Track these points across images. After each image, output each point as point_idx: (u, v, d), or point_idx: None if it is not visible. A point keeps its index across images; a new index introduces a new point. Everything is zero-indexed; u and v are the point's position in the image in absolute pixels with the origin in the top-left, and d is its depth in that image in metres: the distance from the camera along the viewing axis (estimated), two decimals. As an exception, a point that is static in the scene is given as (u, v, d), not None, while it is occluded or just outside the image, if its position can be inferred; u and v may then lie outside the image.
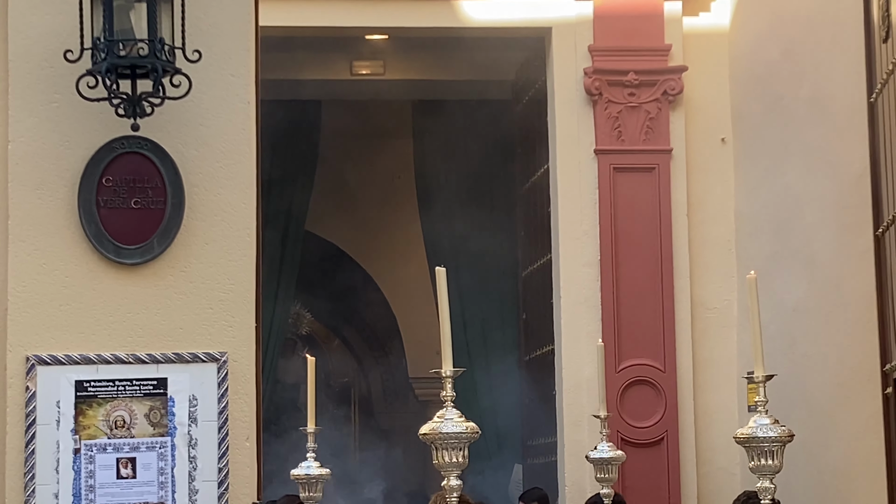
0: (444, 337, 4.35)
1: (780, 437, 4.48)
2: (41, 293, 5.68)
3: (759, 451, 4.47)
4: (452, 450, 4.31)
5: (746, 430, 4.52)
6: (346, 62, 11.85)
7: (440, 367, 4.34)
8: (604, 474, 5.82)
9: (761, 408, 4.57)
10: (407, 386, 17.15)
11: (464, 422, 4.32)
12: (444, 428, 4.31)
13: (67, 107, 5.69)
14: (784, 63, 9.23)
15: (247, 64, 5.91)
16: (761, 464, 4.47)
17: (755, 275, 4.62)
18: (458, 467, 4.32)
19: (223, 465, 5.72)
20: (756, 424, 4.51)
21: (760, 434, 4.48)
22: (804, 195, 8.87)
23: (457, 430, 4.31)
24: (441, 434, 4.30)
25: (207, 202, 5.80)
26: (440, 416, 4.34)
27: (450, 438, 4.30)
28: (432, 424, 4.33)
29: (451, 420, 4.32)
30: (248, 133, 5.89)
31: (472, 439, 4.32)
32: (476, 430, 4.33)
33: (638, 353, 9.91)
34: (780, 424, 4.52)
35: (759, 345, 4.51)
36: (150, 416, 5.71)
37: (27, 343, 5.66)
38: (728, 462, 9.96)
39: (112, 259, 5.72)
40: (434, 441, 4.32)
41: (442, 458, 4.31)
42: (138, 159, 5.75)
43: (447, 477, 4.33)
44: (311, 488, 5.67)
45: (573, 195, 10.10)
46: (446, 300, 4.40)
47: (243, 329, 5.81)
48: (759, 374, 4.54)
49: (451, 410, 4.34)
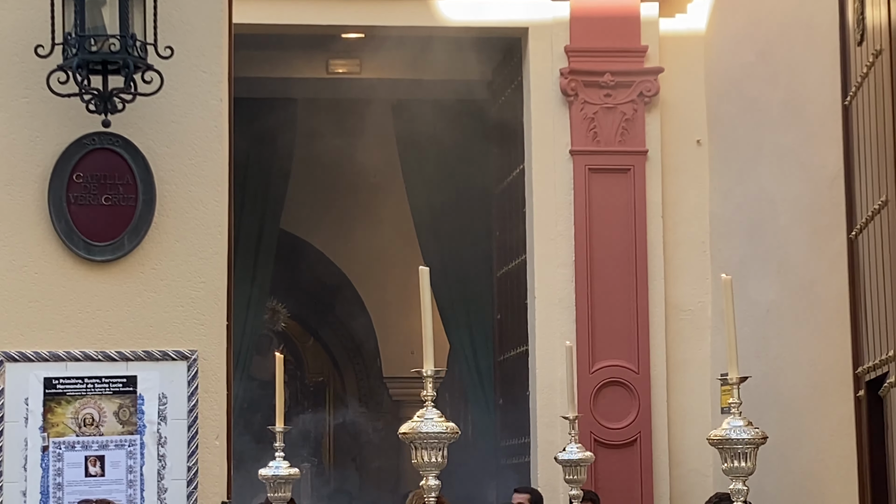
0: (426, 336, 4.33)
1: (753, 440, 4.46)
2: (10, 290, 5.65)
3: (733, 453, 4.45)
4: (432, 449, 4.28)
5: (720, 432, 4.49)
6: (323, 61, 11.83)
7: (417, 367, 4.31)
8: (573, 476, 5.81)
9: (735, 409, 4.55)
10: (381, 385, 17.13)
11: (444, 422, 4.29)
12: (424, 427, 4.28)
13: (38, 102, 5.66)
14: (759, 66, 9.24)
15: (219, 61, 5.89)
16: (734, 466, 4.44)
17: (730, 277, 4.61)
18: (437, 467, 4.29)
19: (192, 464, 5.69)
20: (729, 426, 4.48)
21: (733, 436, 4.45)
22: (778, 197, 8.88)
23: (437, 429, 4.28)
24: (420, 434, 4.27)
25: (179, 199, 5.78)
26: (420, 416, 4.31)
27: (430, 438, 4.27)
28: (412, 424, 4.30)
29: (431, 420, 4.29)
30: (220, 130, 5.87)
31: (451, 439, 4.30)
32: (456, 431, 4.30)
33: (612, 355, 9.91)
34: (754, 427, 4.50)
35: (734, 346, 4.50)
36: (120, 414, 5.69)
37: (-5, 339, 5.63)
38: (701, 464, 9.97)
39: (82, 256, 5.69)
40: (413, 440, 4.28)
41: (421, 457, 4.28)
42: (109, 156, 5.72)
43: (426, 476, 4.30)
44: (279, 488, 5.63)
45: (548, 195, 10.10)
46: (429, 299, 4.37)
47: (214, 327, 5.79)
48: (732, 375, 4.53)
49: (431, 410, 4.31)
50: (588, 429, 9.58)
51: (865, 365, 7.09)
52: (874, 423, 6.98)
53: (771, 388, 8.89)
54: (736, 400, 4.56)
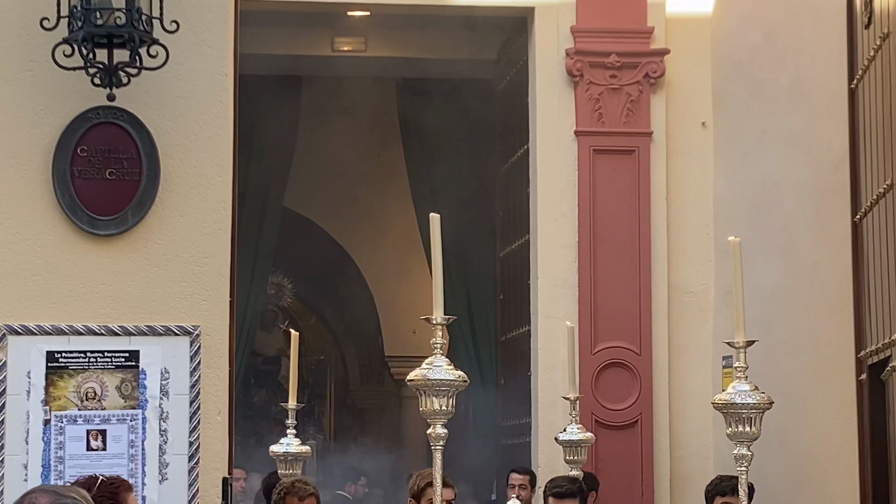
0: (436, 284, 4.31)
1: (758, 404, 4.40)
2: (14, 263, 5.64)
3: (738, 418, 4.38)
4: (440, 397, 4.23)
5: (725, 396, 4.41)
6: (328, 38, 11.80)
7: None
8: (573, 456, 5.82)
9: (741, 374, 4.47)
10: (383, 365, 17.15)
11: (452, 369, 4.25)
12: (433, 374, 4.25)
13: (43, 75, 5.65)
14: (765, 48, 9.21)
15: (225, 36, 5.87)
16: (739, 430, 4.38)
17: (738, 239, 4.55)
18: (445, 415, 4.25)
19: (194, 439, 5.70)
20: (735, 390, 4.41)
21: (739, 400, 4.38)
22: (783, 180, 8.86)
23: (445, 376, 4.24)
24: (429, 381, 4.23)
25: (183, 174, 5.77)
26: (429, 363, 4.28)
27: (440, 385, 4.22)
28: (420, 371, 4.27)
29: (441, 367, 4.25)
30: (226, 106, 5.86)
31: (460, 388, 4.24)
32: (465, 379, 4.26)
33: (614, 336, 9.90)
34: (760, 391, 4.43)
35: (742, 312, 4.44)
36: (122, 389, 5.69)
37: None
38: (701, 446, 9.97)
39: (86, 230, 5.68)
40: (421, 387, 4.24)
41: (429, 404, 4.24)
42: (114, 130, 5.71)
43: (433, 424, 4.26)
44: (290, 465, 5.63)
45: (552, 176, 10.08)
46: (440, 247, 4.34)
47: (217, 303, 5.78)
48: (739, 339, 4.46)
49: (439, 358, 4.27)
50: (589, 410, 9.58)
51: (868, 349, 7.09)
52: (876, 407, 6.98)
53: (773, 371, 8.88)
54: (742, 364, 4.47)
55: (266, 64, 11.33)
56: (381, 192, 15.49)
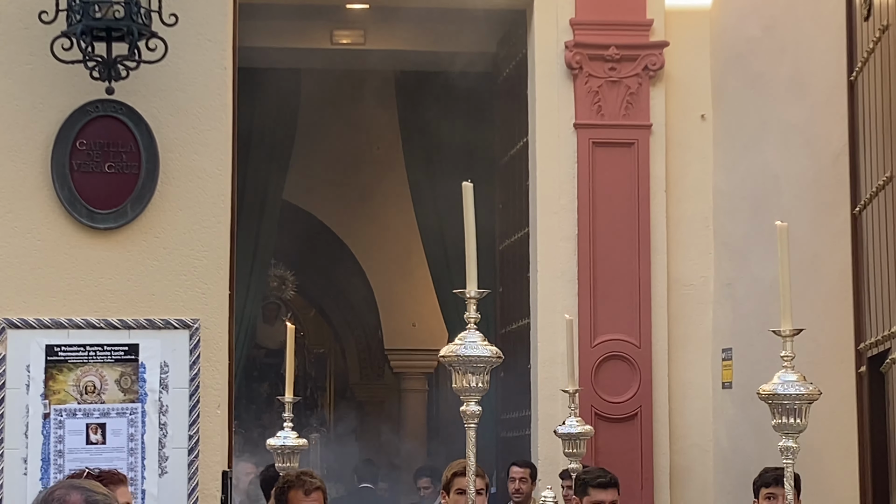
0: (470, 254, 4.10)
1: (803, 395, 4.21)
2: (13, 256, 5.64)
3: (782, 409, 4.20)
4: (475, 374, 4.03)
5: (769, 386, 4.22)
6: (327, 31, 11.79)
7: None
8: (572, 449, 5.77)
9: (787, 363, 4.27)
10: (382, 358, 17.15)
11: (487, 345, 4.05)
12: (466, 350, 4.03)
13: (42, 69, 5.64)
14: (765, 40, 9.20)
15: (224, 29, 5.87)
16: (783, 422, 4.21)
17: (785, 224, 4.37)
18: (479, 392, 4.05)
19: (194, 433, 5.69)
20: (780, 380, 4.23)
21: (782, 391, 4.21)
22: (782, 173, 8.86)
23: (480, 353, 4.03)
24: (462, 357, 4.02)
25: (182, 168, 5.77)
26: (461, 338, 4.06)
27: (477, 362, 4.02)
28: (452, 347, 4.06)
29: (475, 342, 4.04)
30: (225, 99, 5.85)
31: (495, 364, 4.05)
32: (500, 355, 4.06)
33: (613, 329, 9.90)
34: (808, 382, 4.24)
35: (788, 297, 4.23)
36: (121, 382, 5.69)
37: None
38: (701, 438, 9.98)
39: (85, 223, 5.68)
40: (454, 364, 4.03)
41: (464, 382, 4.02)
42: (113, 123, 5.71)
43: (467, 402, 4.07)
44: (287, 458, 5.60)
45: (552, 169, 10.07)
46: (472, 217, 4.20)
47: (216, 296, 5.78)
48: (785, 328, 4.27)
49: (473, 332, 4.05)
50: (589, 402, 9.58)
51: (867, 341, 7.09)
52: (875, 400, 6.98)
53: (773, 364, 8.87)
54: (789, 353, 4.28)
55: (265, 57, 11.32)
56: (381, 185, 15.48)
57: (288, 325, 5.05)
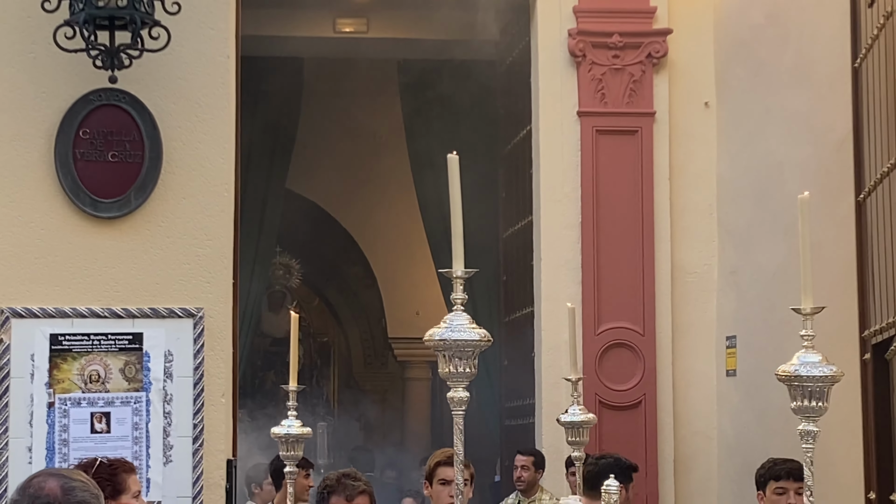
0: (456, 232, 3.84)
1: (825, 377, 3.96)
2: (16, 245, 5.65)
3: (803, 391, 3.94)
4: (461, 359, 3.74)
5: (788, 367, 3.94)
6: (330, 19, 11.78)
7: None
8: (575, 437, 5.72)
9: (808, 343, 4.00)
10: (386, 346, 17.16)
11: (474, 328, 3.76)
12: (453, 335, 3.74)
13: (45, 58, 5.64)
14: (768, 27, 9.19)
15: (226, 18, 5.87)
16: (804, 405, 3.96)
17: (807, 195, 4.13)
18: (467, 378, 3.77)
19: (198, 421, 5.70)
20: (800, 361, 3.95)
21: (803, 372, 3.93)
22: (786, 160, 8.84)
23: (468, 336, 3.73)
24: (448, 342, 3.74)
25: (185, 156, 5.77)
26: (447, 321, 3.77)
27: (464, 346, 3.73)
28: (438, 330, 3.76)
29: (462, 325, 3.75)
30: (228, 88, 5.85)
31: (483, 347, 3.78)
32: (489, 339, 3.78)
33: (617, 317, 9.89)
34: (829, 363, 3.99)
35: (809, 272, 3.95)
36: (125, 371, 5.69)
37: (2, 295, 5.63)
38: (705, 426, 9.98)
39: (88, 212, 5.68)
40: (440, 349, 3.75)
41: (451, 367, 3.75)
42: (116, 112, 5.71)
43: (454, 388, 3.79)
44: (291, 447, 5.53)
45: (555, 157, 10.06)
46: (458, 191, 3.92)
47: (220, 285, 5.78)
48: (806, 305, 3.97)
49: (460, 315, 3.77)
50: (593, 390, 9.58)
51: (872, 328, 7.08)
52: (880, 387, 6.97)
53: (777, 351, 8.88)
54: (809, 332, 4.00)
55: (268, 46, 11.31)
56: (384, 174, 15.48)
57: (292, 314, 5.02)
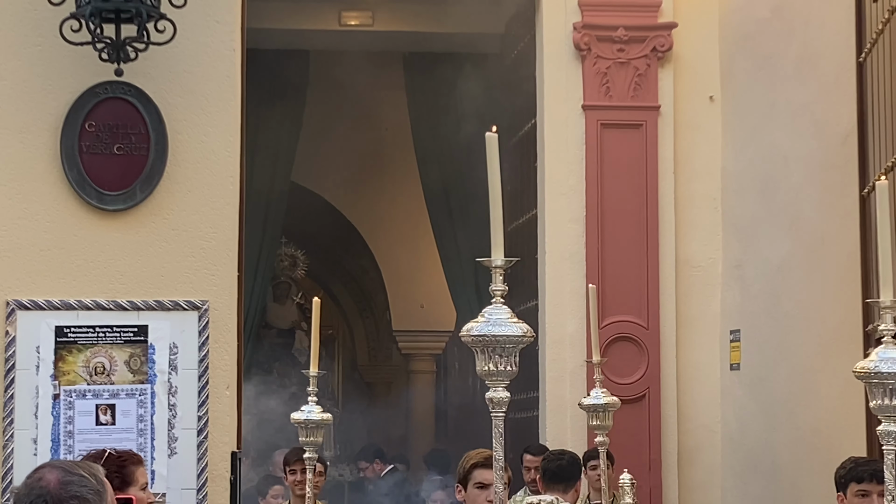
0: (495, 218, 3.60)
1: None
2: (22, 238, 5.66)
3: (883, 389, 3.62)
4: (502, 356, 3.41)
5: (867, 364, 3.63)
6: (335, 12, 11.78)
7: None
8: (598, 421, 5.58)
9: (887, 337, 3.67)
10: (391, 339, 17.17)
11: (516, 322, 3.41)
12: (493, 329, 3.40)
13: (51, 50, 5.65)
14: (773, 21, 9.19)
15: (232, 11, 5.87)
16: (884, 404, 3.64)
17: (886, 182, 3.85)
18: (508, 376, 3.43)
19: (203, 414, 5.71)
20: (879, 357, 3.62)
21: (885, 369, 3.60)
22: (791, 154, 8.85)
23: (509, 332, 3.38)
24: (488, 337, 3.39)
25: (191, 149, 5.78)
26: (486, 315, 3.44)
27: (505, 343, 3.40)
28: (475, 325, 3.43)
29: (502, 320, 3.40)
30: (233, 80, 5.86)
31: (527, 343, 3.43)
32: (532, 334, 3.44)
33: (621, 310, 9.90)
34: None
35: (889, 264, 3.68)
36: (131, 363, 5.71)
37: (7, 287, 5.64)
38: (709, 419, 9.99)
39: (94, 205, 5.70)
40: (478, 346, 3.40)
41: (491, 365, 3.40)
42: (122, 105, 5.72)
43: (493, 388, 3.44)
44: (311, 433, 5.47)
45: (560, 150, 10.07)
46: (498, 174, 3.69)
47: (225, 277, 5.80)
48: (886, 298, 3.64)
49: (500, 308, 3.43)
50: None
51: (875, 322, 7.09)
52: (883, 381, 6.97)
53: (781, 345, 8.90)
54: (890, 326, 3.66)
55: (273, 38, 11.31)
56: (389, 167, 15.48)
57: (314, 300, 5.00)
